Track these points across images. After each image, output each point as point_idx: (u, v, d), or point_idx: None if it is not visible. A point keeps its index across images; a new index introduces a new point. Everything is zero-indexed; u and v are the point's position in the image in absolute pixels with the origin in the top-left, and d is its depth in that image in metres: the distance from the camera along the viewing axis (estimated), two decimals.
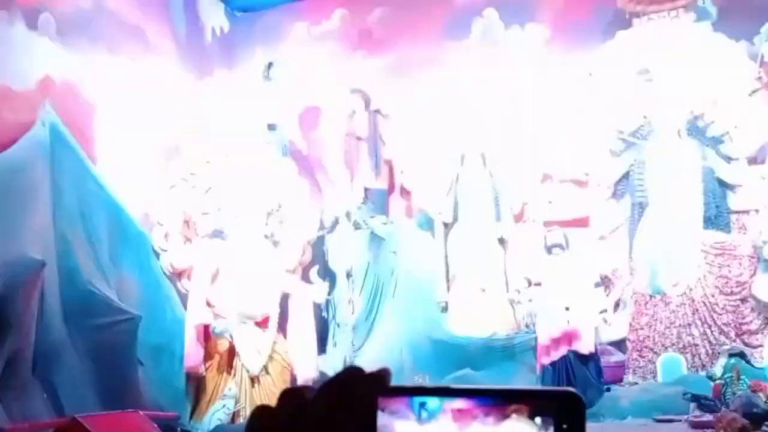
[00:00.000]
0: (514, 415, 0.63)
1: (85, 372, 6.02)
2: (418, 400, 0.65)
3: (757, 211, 7.16)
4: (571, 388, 0.65)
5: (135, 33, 7.67)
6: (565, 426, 0.63)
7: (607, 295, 7.29)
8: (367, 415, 0.65)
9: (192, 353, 6.78)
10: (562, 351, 6.78)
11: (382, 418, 0.64)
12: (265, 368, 6.88)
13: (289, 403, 0.67)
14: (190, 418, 6.72)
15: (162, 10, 8.25)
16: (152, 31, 7.94)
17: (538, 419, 0.63)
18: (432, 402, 0.65)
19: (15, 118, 6.03)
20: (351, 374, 0.66)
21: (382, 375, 0.66)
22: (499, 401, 0.64)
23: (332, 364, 7.68)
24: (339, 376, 0.67)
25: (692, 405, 6.29)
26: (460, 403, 0.64)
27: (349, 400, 0.65)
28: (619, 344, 7.40)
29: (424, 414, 0.64)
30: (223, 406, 6.59)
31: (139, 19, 7.73)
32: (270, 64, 8.65)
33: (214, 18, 9.36)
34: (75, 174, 6.42)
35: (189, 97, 8.50)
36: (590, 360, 6.82)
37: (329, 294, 7.65)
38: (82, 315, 6.05)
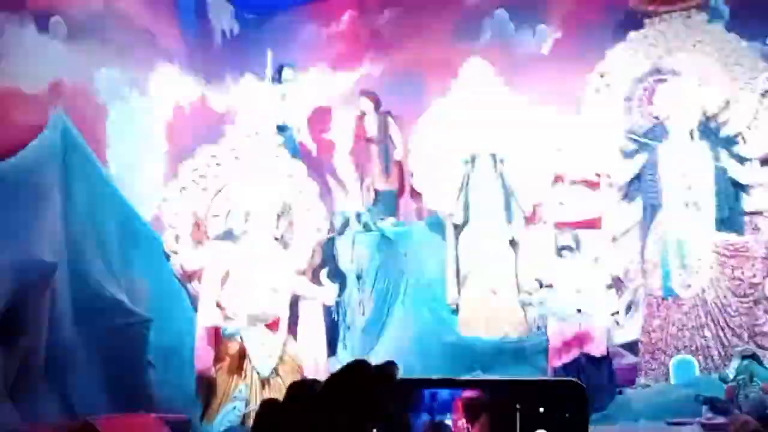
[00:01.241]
0: (520, 404, 0.65)
1: (96, 374, 6.04)
2: (429, 392, 0.67)
3: None
4: (573, 378, 0.66)
5: (145, 36, 7.70)
6: (567, 415, 0.64)
7: (619, 297, 7.25)
8: (373, 408, 0.66)
9: (202, 355, 6.79)
10: (574, 353, 6.75)
11: (393, 410, 0.66)
12: (276, 370, 6.87)
13: (297, 396, 0.68)
14: (201, 420, 6.72)
15: (172, 13, 8.29)
16: (162, 34, 7.98)
17: (541, 409, 0.65)
18: (442, 393, 0.67)
19: (26, 121, 6.07)
20: (357, 367, 0.67)
21: (389, 368, 0.67)
22: (504, 391, 0.66)
23: None
24: (345, 370, 0.68)
25: (705, 407, 6.25)
26: (469, 394, 0.66)
27: (356, 393, 0.66)
28: (632, 346, 7.37)
29: (435, 405, 0.67)
30: (234, 408, 6.58)
31: (149, 22, 7.77)
32: (280, 66, 8.67)
33: (224, 20, 9.40)
34: (86, 177, 6.44)
35: (199, 99, 8.55)
36: (602, 362, 6.79)
37: (339, 296, 7.65)
38: (93, 317, 6.07)
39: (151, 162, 7.59)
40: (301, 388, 0.70)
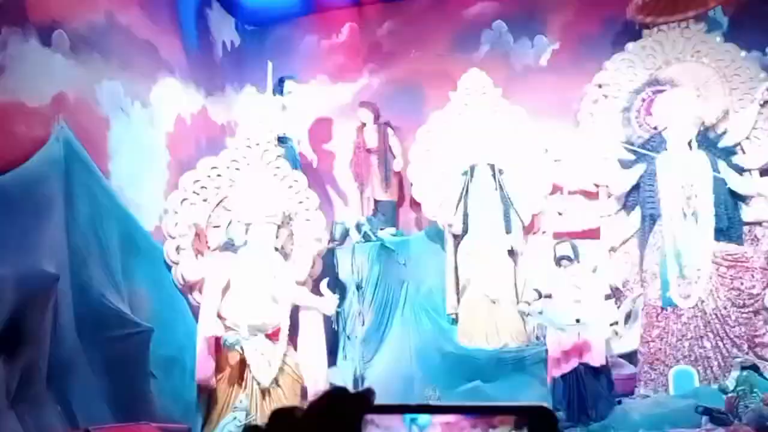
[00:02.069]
0: (499, 428, 0.68)
1: (98, 384, 6.06)
2: (409, 417, 0.70)
3: None
4: (543, 403, 0.70)
5: (147, 49, 7.75)
6: None
7: (618, 308, 7.25)
8: None
9: (203, 365, 6.81)
10: (573, 363, 6.75)
11: None
12: (276, 381, 6.89)
13: (279, 423, 0.71)
14: (201, 430, 6.76)
15: (173, 26, 8.34)
16: (163, 47, 8.02)
17: None
18: (422, 417, 0.69)
19: (29, 134, 6.10)
20: (336, 394, 0.70)
21: (367, 394, 0.70)
22: (480, 417, 0.69)
23: (342, 377, 7.68)
24: (325, 396, 0.71)
25: (704, 418, 6.24)
26: (448, 417, 0.69)
27: (336, 419, 0.69)
28: (630, 356, 7.37)
29: (414, 429, 0.69)
30: (234, 418, 6.60)
31: (151, 35, 7.81)
32: (281, 78, 8.70)
33: (225, 32, 9.46)
34: (88, 188, 6.47)
35: (200, 111, 8.59)
36: (601, 372, 6.78)
37: (339, 306, 7.66)
38: (95, 328, 6.10)
39: (153, 173, 7.63)
40: (283, 415, 0.73)
